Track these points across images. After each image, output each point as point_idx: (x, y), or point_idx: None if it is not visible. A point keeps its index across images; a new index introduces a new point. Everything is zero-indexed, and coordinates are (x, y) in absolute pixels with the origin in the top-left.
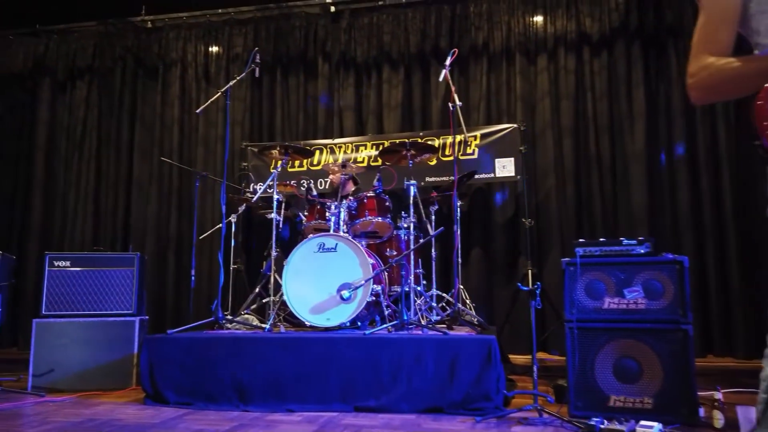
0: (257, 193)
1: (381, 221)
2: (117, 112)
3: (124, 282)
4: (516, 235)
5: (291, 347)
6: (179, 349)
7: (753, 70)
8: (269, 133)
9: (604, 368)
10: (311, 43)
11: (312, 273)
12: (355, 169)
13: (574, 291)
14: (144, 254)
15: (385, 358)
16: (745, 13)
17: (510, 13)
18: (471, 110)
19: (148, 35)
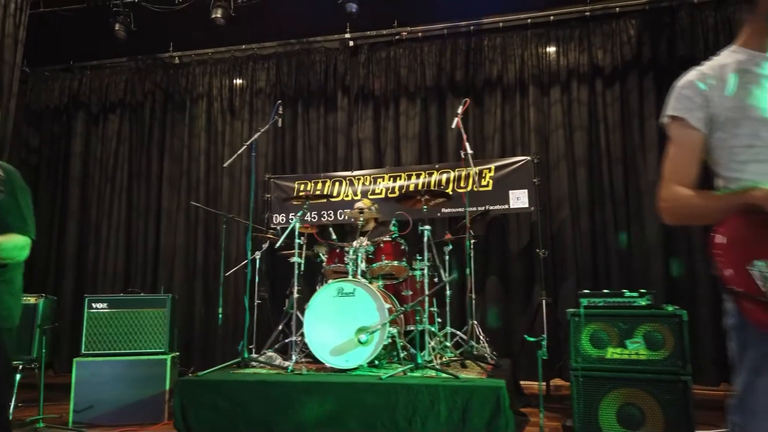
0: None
1: (397, 265)
2: (147, 144)
3: (157, 322)
4: (531, 264)
5: (314, 391)
6: (210, 391)
7: (711, 209)
8: (291, 163)
9: (609, 415)
10: (331, 77)
11: (331, 316)
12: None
13: (578, 340)
14: (173, 284)
15: (401, 402)
16: (708, 146)
17: (523, 46)
18: (486, 141)
19: (175, 71)
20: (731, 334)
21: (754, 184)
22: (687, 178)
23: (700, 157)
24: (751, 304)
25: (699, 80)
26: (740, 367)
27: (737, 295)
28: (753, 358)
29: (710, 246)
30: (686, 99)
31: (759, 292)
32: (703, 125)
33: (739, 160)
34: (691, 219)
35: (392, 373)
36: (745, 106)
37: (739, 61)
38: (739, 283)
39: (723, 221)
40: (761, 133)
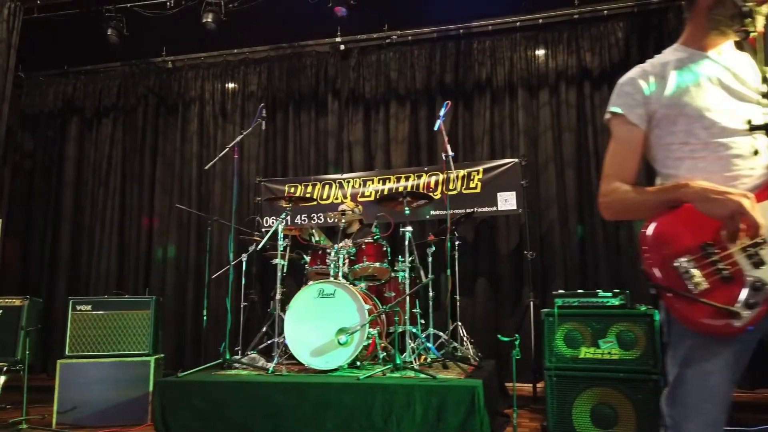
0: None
1: (379, 266)
2: (140, 148)
3: (142, 323)
4: (520, 266)
5: (291, 392)
6: (189, 392)
7: (644, 204)
8: (282, 167)
9: (582, 414)
10: (322, 81)
11: (312, 317)
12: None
13: (552, 340)
14: (164, 286)
15: (377, 402)
16: (648, 143)
17: (512, 49)
18: (475, 144)
19: (168, 75)
20: (663, 329)
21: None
22: (626, 174)
23: (640, 154)
24: (676, 299)
25: (640, 77)
26: (671, 360)
27: (662, 291)
28: (682, 351)
29: (639, 242)
30: (627, 96)
31: (683, 288)
32: (643, 122)
33: (675, 156)
34: (627, 214)
35: (370, 374)
36: (682, 103)
37: (679, 59)
38: (664, 279)
39: (652, 217)
40: (696, 130)
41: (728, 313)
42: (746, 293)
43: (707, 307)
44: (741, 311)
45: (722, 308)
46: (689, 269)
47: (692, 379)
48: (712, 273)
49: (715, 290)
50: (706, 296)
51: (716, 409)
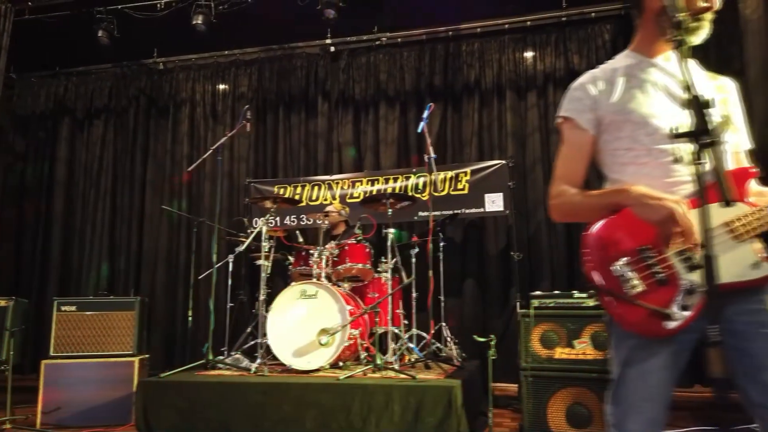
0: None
1: (361, 267)
2: (131, 149)
3: (126, 324)
4: (508, 267)
5: (271, 392)
6: (171, 392)
7: (588, 206)
8: (272, 168)
9: (557, 414)
10: (312, 82)
11: (294, 318)
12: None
13: (528, 340)
14: (155, 287)
15: (356, 402)
16: (597, 148)
17: (501, 51)
18: (464, 145)
19: (160, 76)
20: (607, 329)
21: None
22: (575, 178)
23: (588, 158)
24: (613, 302)
25: (590, 83)
26: (614, 360)
27: (600, 293)
28: (623, 352)
29: (581, 244)
30: (577, 101)
31: (620, 290)
32: (592, 127)
33: (620, 162)
34: (573, 216)
35: (350, 374)
36: (627, 109)
37: (628, 65)
38: (603, 282)
39: (594, 221)
40: (640, 136)
41: (662, 315)
42: (680, 296)
43: (642, 309)
44: (674, 313)
45: (656, 310)
46: (626, 272)
47: (633, 378)
48: (648, 276)
49: (651, 293)
50: (642, 298)
51: (656, 408)
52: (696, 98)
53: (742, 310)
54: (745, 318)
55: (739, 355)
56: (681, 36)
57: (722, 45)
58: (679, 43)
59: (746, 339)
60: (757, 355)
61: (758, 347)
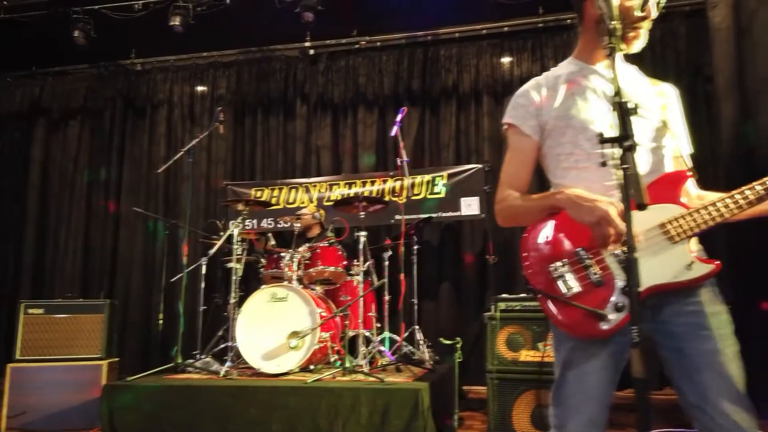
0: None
1: (333, 270)
2: (107, 150)
3: (95, 327)
4: (484, 270)
5: (239, 395)
6: (137, 396)
7: (528, 210)
8: (250, 171)
9: (522, 416)
10: (291, 85)
11: (264, 321)
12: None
13: (494, 343)
14: (130, 289)
15: (323, 405)
16: (541, 154)
17: (478, 56)
18: (441, 149)
19: (137, 77)
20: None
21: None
22: (519, 183)
23: (532, 163)
24: (550, 303)
25: (533, 89)
26: (556, 362)
27: (538, 295)
28: (563, 353)
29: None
30: (521, 107)
31: (557, 292)
32: (536, 133)
33: (563, 167)
34: (516, 220)
35: (318, 378)
36: (569, 115)
37: (570, 72)
38: (540, 283)
39: (533, 223)
40: (580, 141)
41: (597, 316)
42: (615, 297)
43: (578, 310)
44: (609, 314)
45: (591, 311)
46: (564, 273)
47: (573, 379)
48: (585, 277)
49: (587, 294)
50: (578, 300)
51: (596, 409)
52: (620, 104)
53: (678, 312)
54: (681, 319)
55: (676, 356)
56: (613, 43)
57: (693, 53)
58: (611, 50)
59: (683, 340)
60: (692, 356)
61: (694, 348)
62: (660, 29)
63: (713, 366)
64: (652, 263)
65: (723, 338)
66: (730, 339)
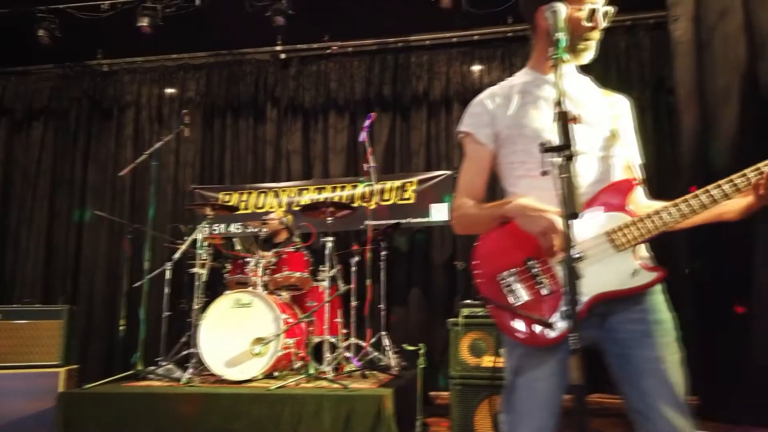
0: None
1: (300, 276)
2: (71, 152)
3: (53, 333)
4: (453, 276)
5: (200, 403)
6: (95, 404)
7: (481, 218)
8: (219, 174)
9: (484, 421)
10: (261, 89)
11: (228, 328)
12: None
13: (457, 348)
14: (93, 294)
15: (286, 411)
16: (496, 162)
17: (449, 64)
18: (412, 155)
19: (104, 78)
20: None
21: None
22: (475, 191)
23: (488, 171)
24: (500, 312)
25: (488, 99)
26: (506, 369)
27: (488, 304)
28: (513, 360)
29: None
30: (476, 116)
31: (506, 301)
32: (490, 141)
33: (516, 175)
34: (471, 228)
35: (281, 384)
36: (522, 124)
37: (524, 82)
38: (491, 292)
39: (485, 233)
40: (532, 150)
41: (545, 325)
42: (562, 305)
43: (526, 318)
44: (556, 322)
45: (538, 320)
46: (513, 283)
47: (522, 386)
48: (533, 286)
49: (535, 302)
50: (527, 308)
51: (545, 415)
52: (561, 114)
53: (624, 319)
54: (627, 326)
55: (621, 363)
56: (558, 54)
57: (657, 65)
58: (556, 60)
59: (628, 347)
60: (637, 362)
61: (639, 355)
62: (625, 41)
63: (656, 373)
64: (599, 271)
65: (666, 346)
66: (673, 346)
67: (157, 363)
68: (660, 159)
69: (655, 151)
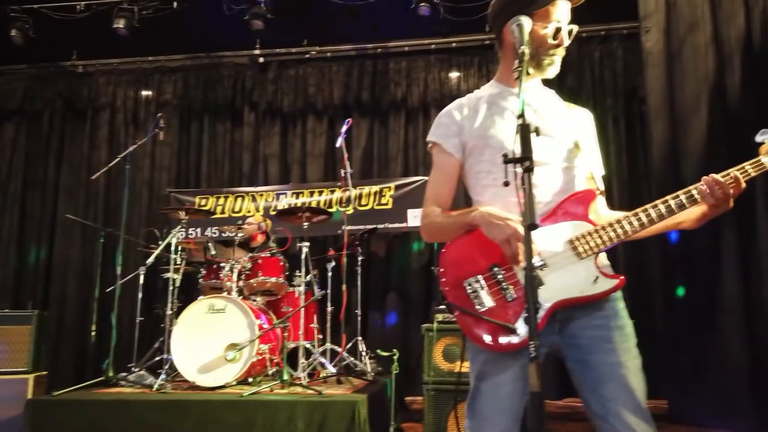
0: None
1: (275, 281)
2: (44, 153)
3: (21, 339)
4: (430, 281)
5: (172, 410)
6: (64, 412)
7: (448, 226)
8: (195, 178)
9: (456, 427)
10: (239, 92)
11: (201, 333)
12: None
13: (431, 354)
14: (65, 299)
15: (259, 418)
16: (463, 171)
17: (427, 70)
18: (390, 161)
19: (78, 79)
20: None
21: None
22: (443, 199)
23: (455, 180)
24: (465, 318)
25: (456, 110)
26: (470, 374)
27: (454, 310)
28: (477, 365)
29: (438, 263)
30: (444, 126)
31: (472, 307)
32: (458, 151)
33: (482, 184)
34: (438, 236)
35: (255, 391)
36: (488, 135)
37: (491, 94)
38: (456, 299)
39: (451, 240)
40: (498, 160)
41: (508, 330)
42: (525, 312)
43: (491, 324)
44: (519, 328)
45: (502, 325)
46: (478, 289)
47: (486, 391)
48: (498, 292)
49: (500, 309)
50: (491, 314)
51: (508, 420)
52: (523, 126)
53: (585, 325)
54: (588, 332)
55: (582, 368)
56: (522, 68)
57: (630, 75)
58: (519, 74)
59: (589, 353)
60: (598, 367)
61: (599, 360)
62: (599, 51)
63: (616, 378)
64: (561, 278)
65: (626, 351)
66: (633, 352)
67: (129, 369)
68: (632, 166)
69: (628, 158)
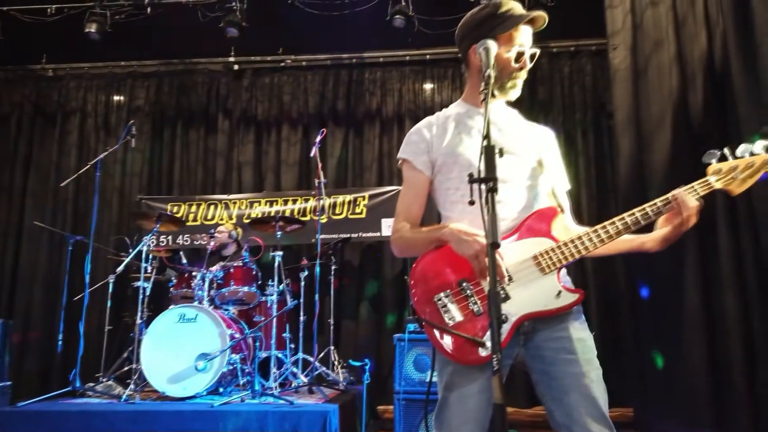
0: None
1: (247, 291)
2: (11, 158)
3: None
4: (404, 290)
5: (140, 420)
6: (29, 423)
7: (418, 241)
8: (168, 185)
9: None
10: (213, 99)
11: (171, 343)
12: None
13: (402, 364)
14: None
15: (230, 429)
16: (432, 188)
17: (402, 81)
18: (364, 170)
19: (48, 83)
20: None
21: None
22: (412, 215)
23: (424, 197)
24: (434, 331)
25: (425, 128)
26: (438, 385)
27: (422, 323)
28: (445, 377)
29: (409, 277)
30: (413, 144)
31: (442, 321)
32: (427, 168)
33: (451, 200)
34: (408, 251)
35: (225, 401)
36: (456, 153)
37: (458, 113)
38: (426, 313)
39: (421, 255)
40: (466, 177)
41: (476, 344)
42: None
43: (459, 337)
44: (486, 342)
45: (470, 339)
46: (447, 303)
47: (453, 402)
48: (466, 307)
49: (468, 322)
50: (460, 328)
51: (474, 430)
52: (487, 147)
53: (549, 337)
54: (551, 344)
55: (547, 379)
56: (487, 90)
57: (598, 90)
58: (485, 95)
59: (552, 364)
60: (561, 378)
61: (562, 371)
62: (569, 66)
63: (580, 388)
64: (525, 293)
65: (588, 362)
66: (594, 363)
67: (97, 379)
68: (601, 178)
69: (596, 171)
